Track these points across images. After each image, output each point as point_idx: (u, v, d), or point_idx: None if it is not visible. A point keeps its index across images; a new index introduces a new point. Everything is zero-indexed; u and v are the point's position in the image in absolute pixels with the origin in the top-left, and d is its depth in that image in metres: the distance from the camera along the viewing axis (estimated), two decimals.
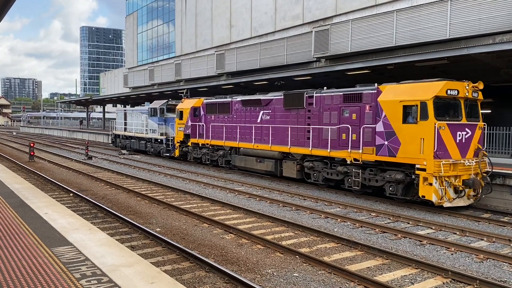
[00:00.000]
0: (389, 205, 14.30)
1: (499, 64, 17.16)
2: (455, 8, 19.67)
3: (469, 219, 12.31)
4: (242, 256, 8.79)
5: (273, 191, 16.82)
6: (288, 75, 25.08)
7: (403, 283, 7.49)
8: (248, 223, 11.62)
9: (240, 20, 36.77)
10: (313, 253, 8.96)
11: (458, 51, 16.35)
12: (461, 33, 19.48)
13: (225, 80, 32.82)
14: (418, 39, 21.12)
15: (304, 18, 29.83)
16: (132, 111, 33.96)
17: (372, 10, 24.62)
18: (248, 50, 33.91)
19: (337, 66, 21.99)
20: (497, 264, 8.54)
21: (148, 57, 56.35)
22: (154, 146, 29.58)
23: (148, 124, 29.72)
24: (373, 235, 10.61)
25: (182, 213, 12.64)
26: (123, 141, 34.93)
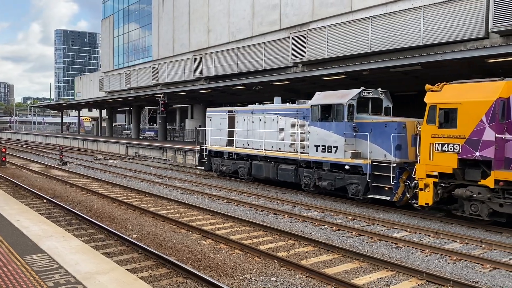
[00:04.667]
0: (365, 208, 14.49)
1: (469, 70, 17.66)
2: (428, 15, 20.16)
3: (443, 221, 12.57)
4: (220, 261, 8.75)
5: (251, 196, 16.82)
6: (266, 80, 25.23)
7: (379, 286, 7.59)
8: (226, 228, 11.58)
9: (218, 24, 36.78)
10: (291, 257, 8.99)
11: (431, 57, 16.77)
12: (434, 39, 19.97)
13: (203, 85, 32.76)
14: (392, 45, 21.55)
15: (282, 24, 30.06)
16: (251, 112, 19.81)
17: (348, 17, 25.02)
18: (226, 54, 33.92)
19: (314, 72, 22.24)
20: (469, 265, 8.74)
21: (124, 61, 55.74)
22: (329, 178, 15.56)
23: (310, 135, 16.19)
24: (350, 238, 10.72)
25: (159, 219, 12.50)
26: (226, 162, 21.16)
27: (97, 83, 64.31)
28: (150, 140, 44.81)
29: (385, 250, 9.73)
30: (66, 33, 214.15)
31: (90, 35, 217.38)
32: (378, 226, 12.08)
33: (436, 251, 9.57)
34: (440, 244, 10.21)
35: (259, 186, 19.19)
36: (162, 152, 34.06)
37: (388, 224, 12.18)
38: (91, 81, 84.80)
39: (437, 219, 12.82)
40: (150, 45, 48.77)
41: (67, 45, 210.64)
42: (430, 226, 11.92)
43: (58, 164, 27.60)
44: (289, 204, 15.21)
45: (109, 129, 55.30)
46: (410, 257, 9.29)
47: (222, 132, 21.44)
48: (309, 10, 27.88)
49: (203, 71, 36.15)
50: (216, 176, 22.14)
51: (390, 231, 11.56)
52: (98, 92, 62.55)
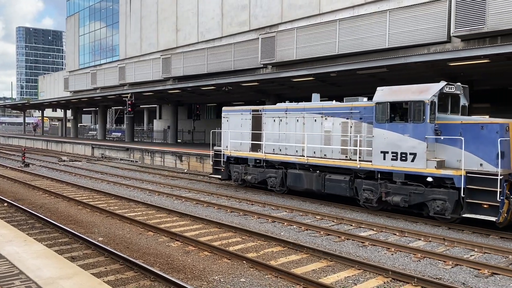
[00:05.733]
0: (333, 208, 14.69)
1: (433, 73, 18.23)
2: (394, 19, 20.68)
3: (408, 220, 12.90)
4: (188, 263, 8.67)
5: (221, 197, 16.75)
6: (236, 81, 25.21)
7: (346, 284, 7.71)
8: (195, 230, 11.49)
9: (187, 24, 36.48)
10: (260, 258, 9.00)
11: (396, 60, 17.21)
12: (399, 43, 20.50)
13: (171, 85, 32.41)
14: (359, 47, 21.97)
15: (251, 25, 30.12)
16: (285, 111, 16.67)
17: (316, 19, 25.33)
18: (195, 54, 33.68)
19: (283, 73, 22.40)
20: (433, 262, 9.00)
21: (90, 60, 54.47)
22: (401, 192, 12.71)
23: (374, 139, 13.23)
24: (318, 238, 10.84)
25: (126, 221, 12.26)
26: (252, 170, 17.92)
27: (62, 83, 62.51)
28: (117, 141, 43.94)
29: (352, 249, 9.90)
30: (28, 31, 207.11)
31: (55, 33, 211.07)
32: (345, 225, 12.27)
33: (401, 249, 9.80)
34: (405, 242, 10.47)
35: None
36: (129, 153, 33.46)
37: (355, 223, 12.39)
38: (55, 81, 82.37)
39: (402, 218, 13.14)
40: (117, 44, 47.84)
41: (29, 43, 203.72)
42: (396, 225, 12.21)
43: (20, 166, 26.65)
44: (258, 204, 15.23)
45: (74, 130, 53.87)
46: (376, 255, 9.48)
47: (244, 135, 18.21)
48: (278, 11, 28.06)
49: (171, 71, 35.76)
50: (230, 185, 19.15)
51: (357, 230, 11.76)
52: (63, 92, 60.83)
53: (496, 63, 15.99)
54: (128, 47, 45.31)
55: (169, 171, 25.79)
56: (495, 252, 9.64)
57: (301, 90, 27.51)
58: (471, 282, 7.87)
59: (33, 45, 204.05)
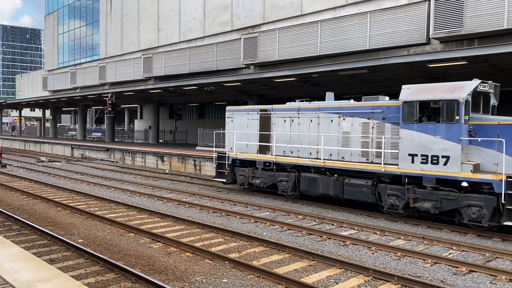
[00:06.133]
0: (315, 208, 14.78)
1: (412, 74, 18.52)
2: (374, 21, 20.94)
3: (388, 220, 13.07)
4: (170, 264, 8.61)
5: (203, 197, 16.69)
6: (218, 81, 25.16)
7: (328, 283, 7.76)
8: (176, 231, 11.41)
9: (168, 23, 36.23)
10: (243, 258, 9.00)
11: (377, 61, 17.43)
12: (379, 44, 20.76)
13: (152, 84, 32.14)
14: (341, 49, 22.17)
15: (233, 25, 30.08)
16: (297, 111, 15.72)
17: (298, 20, 25.46)
18: (176, 54, 33.47)
19: (266, 73, 22.45)
20: (413, 261, 9.14)
21: (70, 59, 53.60)
22: (432, 198, 11.82)
23: (401, 140, 12.34)
24: (300, 237, 10.90)
25: (106, 222, 12.10)
26: (260, 174, 16.74)
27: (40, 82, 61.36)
28: (97, 141, 43.34)
29: (334, 248, 9.98)
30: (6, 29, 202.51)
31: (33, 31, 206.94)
32: (327, 225, 12.36)
33: (382, 248, 9.93)
34: (385, 241, 10.61)
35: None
36: (110, 154, 33.05)
37: (336, 222, 12.49)
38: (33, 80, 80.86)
39: (382, 217, 13.31)
40: (98, 43, 47.19)
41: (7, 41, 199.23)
42: (376, 224, 12.35)
43: None
44: (241, 205, 15.22)
45: (53, 130, 52.91)
46: (357, 254, 9.58)
47: (251, 136, 17.11)
48: (260, 12, 28.10)
49: (153, 71, 35.46)
50: (235, 189, 18.00)
51: (338, 229, 11.86)
52: (41, 91, 59.71)
53: (473, 64, 16.35)
54: (109, 46, 44.74)
55: (150, 172, 25.57)
56: (472, 250, 9.85)
57: (283, 91, 27.61)
58: (450, 279, 8.02)
59: (11, 43, 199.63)
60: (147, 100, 38.94)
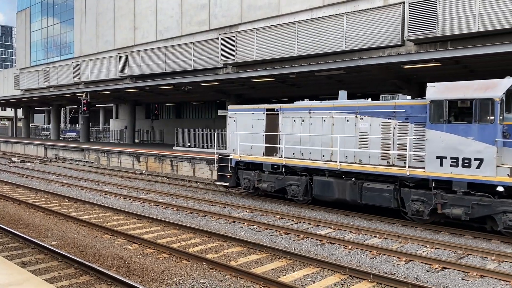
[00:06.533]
0: (292, 207, 14.86)
1: (387, 75, 18.84)
2: (350, 22, 21.19)
3: (364, 218, 13.26)
4: (147, 266, 8.51)
5: (180, 198, 16.56)
6: (195, 80, 25.03)
7: (305, 282, 7.82)
8: (153, 232, 11.29)
9: (145, 22, 35.81)
10: (220, 258, 8.98)
11: (353, 62, 17.66)
12: (355, 45, 21.02)
13: (128, 84, 31.72)
14: (318, 49, 22.36)
15: (211, 24, 29.96)
16: (308, 110, 14.80)
17: (276, 20, 25.55)
18: (153, 53, 33.11)
19: (243, 73, 22.46)
20: (388, 259, 9.30)
21: (43, 58, 52.36)
22: (463, 203, 11.09)
23: (428, 142, 11.55)
24: (277, 237, 10.94)
25: (81, 224, 11.88)
26: (268, 177, 15.70)
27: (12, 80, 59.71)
28: (72, 142, 42.50)
29: (311, 247, 10.06)
30: None
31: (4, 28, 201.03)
32: (304, 224, 12.45)
33: (358, 247, 10.06)
34: (361, 240, 10.75)
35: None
36: (84, 154, 32.46)
37: (313, 221, 12.59)
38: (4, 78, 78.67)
39: (358, 216, 13.49)
40: (72, 41, 46.24)
41: None
42: (353, 223, 12.51)
43: None
44: (219, 205, 15.18)
45: (25, 130, 51.58)
46: (334, 253, 9.68)
47: (256, 138, 16.15)
48: (238, 12, 28.07)
49: (129, 70, 34.98)
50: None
51: (315, 228, 11.97)
52: (13, 90, 58.10)
53: (446, 66, 16.74)
54: (84, 44, 43.91)
55: (126, 172, 25.22)
56: (445, 247, 10.09)
57: (261, 91, 27.68)
58: (423, 276, 8.19)
59: None
60: (123, 99, 38.43)
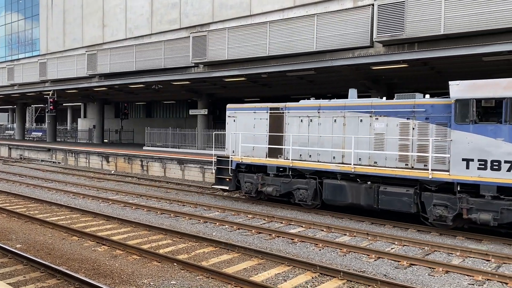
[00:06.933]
0: (264, 207, 14.91)
1: (357, 76, 19.16)
2: (321, 23, 21.42)
3: (334, 217, 13.44)
4: (116, 268, 8.36)
5: (151, 199, 16.34)
6: (166, 79, 24.77)
7: (277, 281, 7.86)
8: (123, 233, 11.10)
9: (114, 20, 35.14)
10: (191, 259, 8.91)
11: (323, 63, 17.88)
12: (326, 46, 21.25)
13: (97, 82, 31.08)
14: (289, 50, 22.48)
15: (182, 23, 29.70)
16: (317, 109, 14.07)
17: (247, 20, 25.56)
18: (123, 51, 32.50)
19: (215, 73, 22.37)
20: (357, 256, 9.46)
21: (6, 54, 50.58)
22: (491, 208, 10.57)
23: (453, 143, 11.03)
24: (249, 237, 10.95)
25: (47, 226, 11.55)
26: (273, 180, 14.83)
27: None
28: (38, 141, 41.24)
29: (283, 246, 10.11)
30: None
31: None
32: (276, 223, 12.51)
33: (329, 245, 10.19)
34: (332, 238, 10.90)
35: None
36: (51, 154, 31.59)
37: (285, 220, 12.67)
38: None
39: (329, 214, 13.66)
40: (38, 38, 44.85)
41: None
42: (323, 221, 12.66)
43: None
44: (190, 205, 15.06)
45: None
46: (305, 251, 9.77)
47: (259, 138, 15.31)
48: (209, 11, 27.93)
49: (97, 68, 34.22)
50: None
51: (287, 227, 12.04)
52: None
53: (414, 67, 17.17)
54: (50, 41, 42.68)
55: (95, 173, 24.68)
56: (413, 244, 10.35)
57: (233, 90, 27.65)
58: (392, 273, 8.38)
59: None
60: (92, 98, 37.63)
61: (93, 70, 34.52)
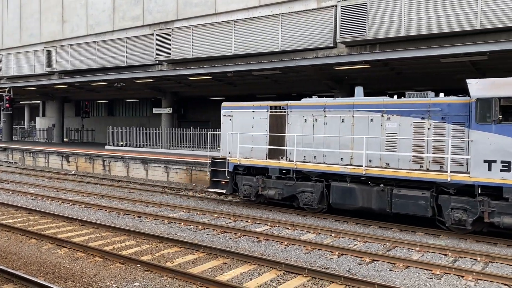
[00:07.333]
0: (230, 206, 14.90)
1: (320, 76, 19.45)
2: (286, 23, 21.57)
3: (299, 215, 13.59)
4: (77, 271, 8.13)
5: (113, 199, 15.98)
6: (129, 77, 24.31)
7: (242, 280, 7.87)
8: (84, 235, 10.81)
9: (74, 15, 34.09)
10: (156, 260, 8.79)
11: (288, 62, 18.05)
12: (291, 46, 21.41)
13: (56, 79, 30.11)
14: (254, 49, 22.51)
15: (145, 20, 29.16)
16: (323, 108, 13.40)
17: (212, 18, 25.40)
18: (84, 48, 31.57)
19: (179, 71, 22.13)
20: (322, 253, 9.61)
21: None
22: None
23: (474, 144, 10.67)
24: (215, 236, 10.91)
25: (3, 229, 11.07)
26: (274, 183, 14.03)
27: None
28: None
29: (248, 245, 10.14)
30: None
31: None
32: (242, 222, 12.52)
33: (293, 243, 10.30)
34: (296, 236, 11.02)
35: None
36: (7, 154, 30.33)
37: (251, 219, 12.71)
38: None
39: (293, 212, 13.80)
40: None
41: None
42: (288, 219, 12.78)
43: None
44: (154, 206, 14.84)
45: None
46: (270, 249, 9.83)
47: (257, 139, 14.48)
48: (173, 8, 27.57)
49: (57, 65, 33.09)
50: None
51: (252, 226, 12.08)
52: None
53: (375, 68, 17.61)
54: (6, 37, 40.89)
55: (54, 173, 23.88)
56: (374, 240, 10.61)
57: (198, 89, 27.44)
58: (355, 269, 8.56)
59: None
60: (51, 96, 36.41)
61: (52, 67, 33.37)
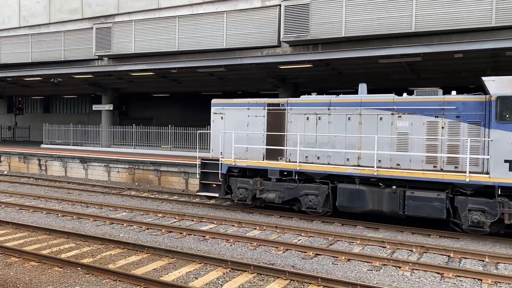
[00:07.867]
0: (175, 205, 14.69)
1: (265, 75, 19.66)
2: (230, 20, 21.54)
3: (245, 212, 13.67)
4: (11, 277, 7.67)
5: (51, 200, 15.23)
6: (67, 72, 23.28)
7: (188, 279, 7.80)
8: (18, 238, 10.21)
9: (5, 6, 31.99)
10: (97, 262, 8.48)
11: (233, 60, 18.07)
12: (236, 44, 21.43)
13: None
14: (199, 46, 22.29)
15: (84, 13, 27.96)
16: (327, 106, 12.61)
17: (156, 13, 24.85)
18: (16, 40, 29.71)
19: (121, 66, 21.49)
20: (267, 249, 9.73)
21: None
22: None
23: (493, 143, 10.38)
24: (159, 236, 10.72)
25: None
26: (274, 186, 13.12)
27: None
28: None
29: (194, 244, 10.06)
30: None
31: None
32: (187, 221, 12.40)
33: (239, 240, 10.35)
34: (242, 233, 11.08)
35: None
36: None
37: (196, 218, 12.61)
38: None
39: (239, 209, 13.87)
40: None
41: None
42: (234, 217, 12.82)
43: None
44: (95, 206, 14.31)
45: None
46: (216, 248, 9.82)
47: (253, 138, 13.52)
48: (114, 1, 26.64)
49: None
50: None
51: (198, 224, 12.00)
52: None
53: (318, 68, 18.06)
54: None
55: None
56: (318, 235, 10.91)
57: (142, 85, 26.76)
58: (299, 264, 8.76)
59: None
60: None
61: None
